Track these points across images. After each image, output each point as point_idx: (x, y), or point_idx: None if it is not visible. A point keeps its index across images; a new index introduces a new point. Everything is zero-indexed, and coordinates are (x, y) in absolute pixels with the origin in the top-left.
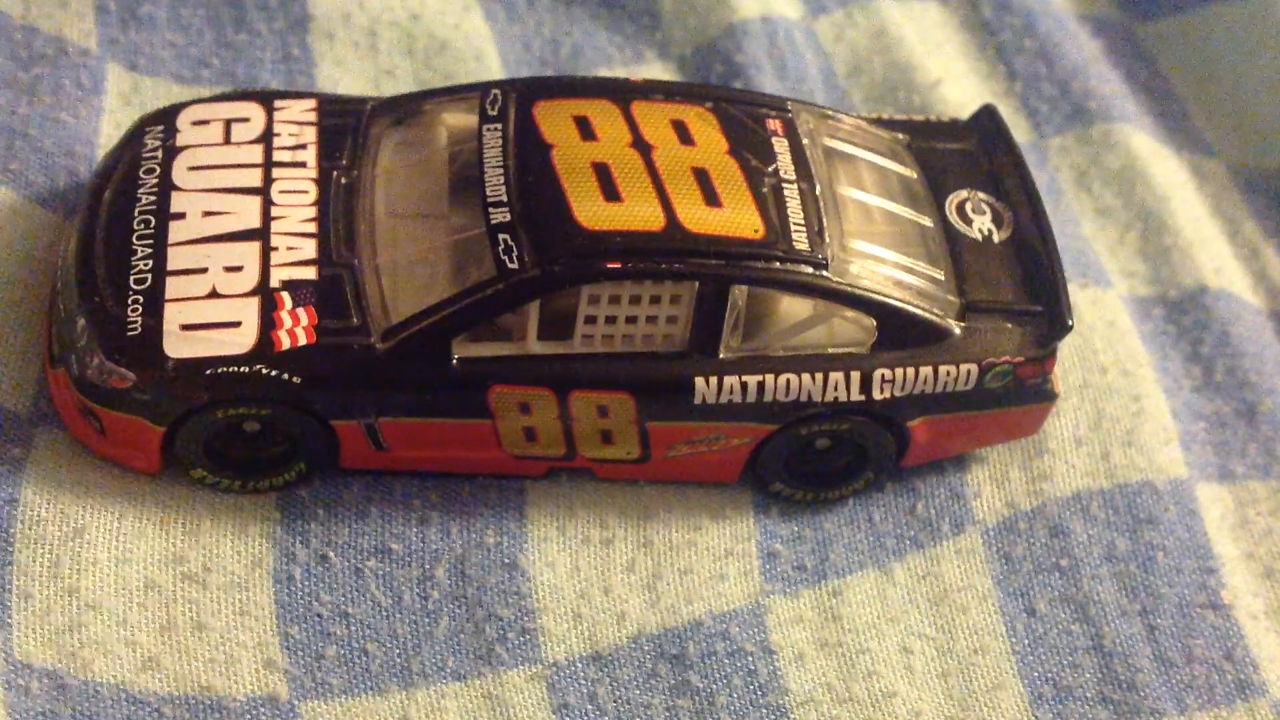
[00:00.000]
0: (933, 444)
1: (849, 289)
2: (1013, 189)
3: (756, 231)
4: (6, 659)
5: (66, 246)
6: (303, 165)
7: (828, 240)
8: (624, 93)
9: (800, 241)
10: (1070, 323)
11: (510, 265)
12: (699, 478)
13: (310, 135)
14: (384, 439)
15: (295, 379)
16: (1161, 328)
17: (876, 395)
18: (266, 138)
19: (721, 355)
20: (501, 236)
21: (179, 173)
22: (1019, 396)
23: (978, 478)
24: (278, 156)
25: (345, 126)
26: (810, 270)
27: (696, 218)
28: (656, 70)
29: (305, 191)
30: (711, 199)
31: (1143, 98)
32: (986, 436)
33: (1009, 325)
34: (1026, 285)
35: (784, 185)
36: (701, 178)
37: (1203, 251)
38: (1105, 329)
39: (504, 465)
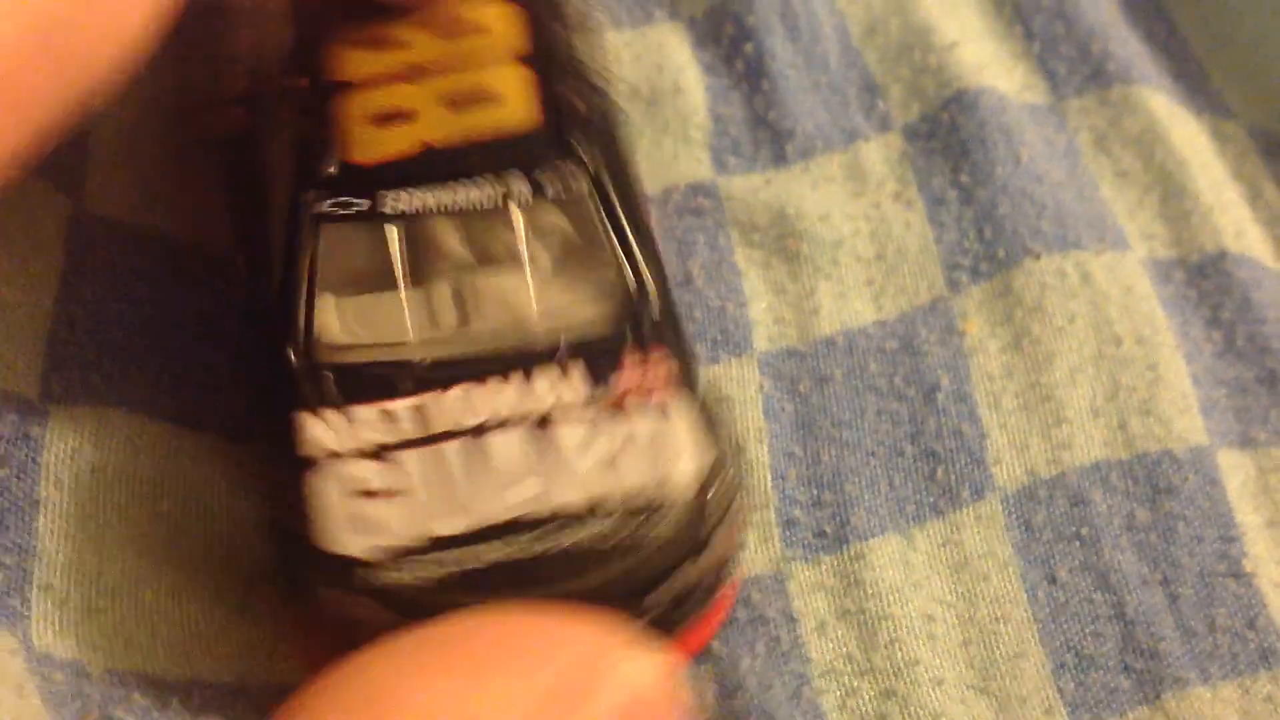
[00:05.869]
0: None
1: None
2: None
3: None
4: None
5: None
6: None
7: None
8: None
9: None
10: None
11: None
12: None
13: None
14: None
15: None
16: (1182, 292)
17: None
18: None
19: None
20: None
21: None
22: None
23: (998, 444)
24: None
25: None
26: None
27: None
28: (666, 32)
29: None
30: None
31: (1162, 59)
32: None
33: None
34: None
35: None
36: None
37: (1223, 215)
38: (1121, 296)
39: None
